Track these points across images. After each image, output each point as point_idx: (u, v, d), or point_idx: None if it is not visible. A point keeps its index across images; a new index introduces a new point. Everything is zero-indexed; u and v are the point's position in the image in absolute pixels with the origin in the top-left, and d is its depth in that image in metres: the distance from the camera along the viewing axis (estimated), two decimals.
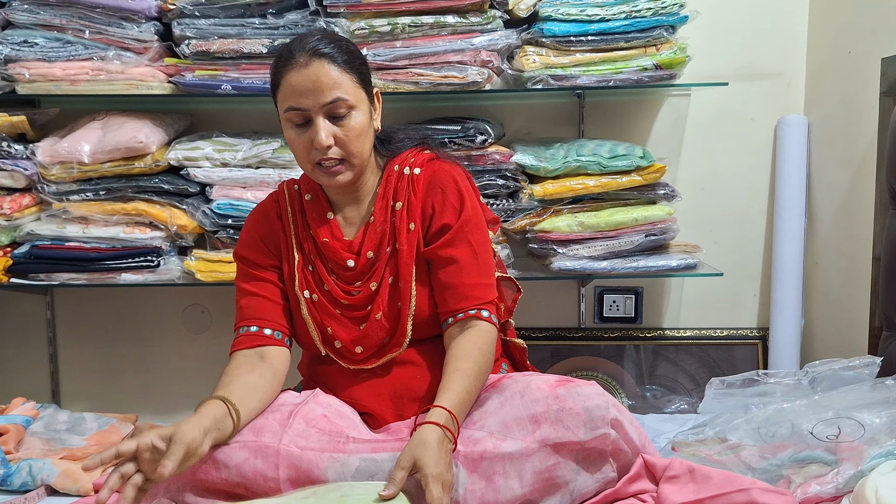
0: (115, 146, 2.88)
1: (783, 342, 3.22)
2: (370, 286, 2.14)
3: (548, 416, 1.89)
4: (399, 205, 2.16)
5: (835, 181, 3.08)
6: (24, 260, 2.96)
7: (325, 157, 2.04)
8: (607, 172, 2.93)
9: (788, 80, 3.30)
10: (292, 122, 2.05)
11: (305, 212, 2.22)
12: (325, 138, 2.01)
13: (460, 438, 1.91)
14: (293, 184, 2.27)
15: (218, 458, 1.89)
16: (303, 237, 2.20)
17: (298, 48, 2.03)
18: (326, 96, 2.01)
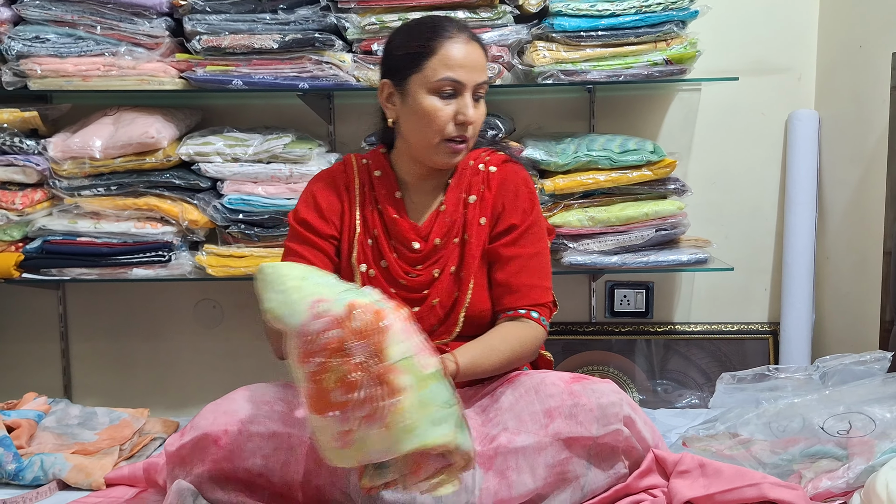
0: (127, 141, 2.89)
1: (794, 337, 3.21)
2: (433, 272, 2.19)
3: (562, 411, 1.90)
4: (473, 198, 2.22)
5: (845, 176, 3.07)
6: (35, 255, 2.97)
7: (460, 134, 2.11)
8: (618, 167, 2.93)
9: (799, 75, 3.29)
10: (441, 91, 2.09)
11: (374, 187, 2.25)
12: (473, 113, 2.10)
13: (476, 438, 1.91)
14: (361, 158, 2.31)
15: (245, 446, 1.90)
16: (368, 211, 2.24)
17: (454, 26, 2.12)
18: (481, 76, 2.11)
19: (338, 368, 1.62)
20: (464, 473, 1.80)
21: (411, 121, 2.14)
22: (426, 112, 2.09)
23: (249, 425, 1.91)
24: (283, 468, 1.89)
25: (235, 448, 1.90)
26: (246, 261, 2.95)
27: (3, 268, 2.94)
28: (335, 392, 1.62)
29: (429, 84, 2.08)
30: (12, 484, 2.28)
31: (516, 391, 2.00)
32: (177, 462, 1.96)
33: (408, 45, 2.13)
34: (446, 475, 1.74)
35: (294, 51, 2.89)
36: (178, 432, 2.01)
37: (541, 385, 1.98)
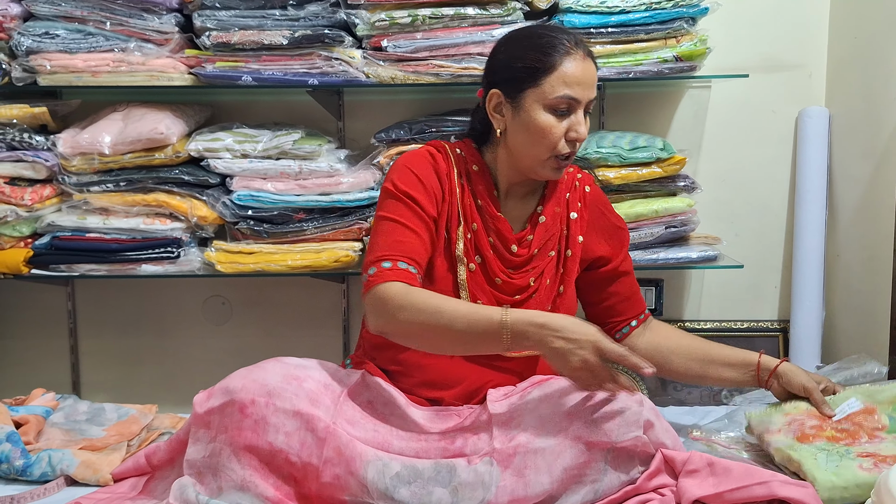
0: (136, 137, 2.89)
1: (804, 334, 3.21)
2: (529, 280, 2.23)
3: (582, 416, 1.91)
4: (574, 215, 2.30)
5: (856, 173, 3.06)
6: (44, 251, 2.96)
7: (570, 151, 2.13)
8: (627, 164, 2.92)
9: (810, 72, 3.28)
10: (558, 108, 2.08)
11: (472, 180, 2.23)
12: (585, 131, 2.12)
13: (497, 436, 1.94)
14: (455, 147, 2.28)
15: (270, 420, 1.89)
16: (466, 203, 2.21)
17: (572, 41, 2.11)
18: (593, 93, 2.13)
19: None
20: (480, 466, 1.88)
21: (522, 134, 2.13)
22: (540, 128, 2.09)
23: (276, 399, 1.90)
24: (301, 448, 1.89)
25: (261, 419, 1.89)
26: (255, 257, 2.95)
27: (11, 264, 2.94)
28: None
29: (546, 100, 2.08)
30: (20, 480, 2.27)
31: (543, 393, 2.00)
32: (202, 424, 1.96)
33: (525, 57, 2.11)
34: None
35: (304, 47, 2.88)
36: (206, 392, 2.00)
37: (566, 389, 1.98)
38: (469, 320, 1.93)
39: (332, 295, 3.35)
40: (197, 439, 1.96)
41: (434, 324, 1.94)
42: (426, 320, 1.95)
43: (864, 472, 1.85)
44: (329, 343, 3.38)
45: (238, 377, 1.97)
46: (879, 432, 2.01)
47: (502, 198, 2.25)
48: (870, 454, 1.91)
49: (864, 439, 1.99)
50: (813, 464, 1.91)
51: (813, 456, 1.94)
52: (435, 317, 1.94)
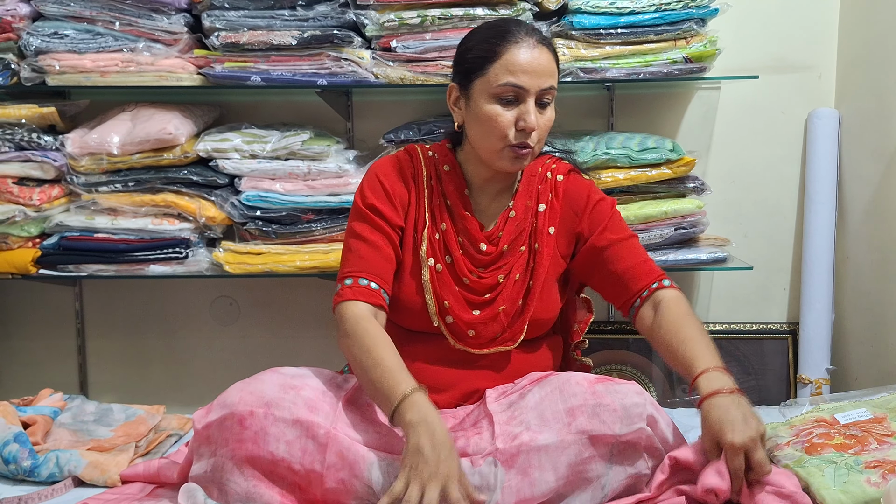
0: (145, 137, 2.89)
1: (813, 336, 3.19)
2: (497, 277, 2.20)
3: (584, 410, 1.89)
4: (542, 207, 2.25)
5: (866, 174, 3.05)
6: (53, 251, 2.97)
7: (521, 141, 2.09)
8: (637, 165, 2.91)
9: (819, 73, 3.27)
10: (503, 97, 2.07)
11: (442, 180, 2.25)
12: (534, 120, 2.06)
13: (499, 435, 1.92)
14: (427, 149, 2.30)
15: (270, 430, 1.88)
16: (435, 204, 2.23)
17: (523, 30, 2.09)
18: (545, 82, 2.08)
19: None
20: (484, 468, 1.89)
21: (475, 125, 2.13)
22: (488, 118, 2.08)
23: (274, 409, 1.89)
24: (303, 456, 1.88)
25: (260, 430, 1.88)
26: (263, 258, 2.95)
27: (20, 264, 2.94)
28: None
29: (490, 89, 2.08)
30: (28, 480, 2.27)
31: (542, 390, 2.00)
32: (203, 440, 1.95)
33: (474, 48, 2.13)
34: None
35: (313, 47, 2.88)
36: (205, 408, 1.99)
37: (565, 385, 1.97)
38: (377, 379, 1.94)
39: None
40: (200, 455, 1.95)
41: (358, 362, 2.00)
42: (355, 356, 2.00)
43: (873, 488, 1.84)
44: (336, 344, 3.37)
45: (235, 390, 1.96)
46: (889, 438, 1.99)
47: (475, 195, 2.25)
48: (878, 462, 1.90)
49: (874, 445, 1.98)
50: (821, 482, 1.89)
51: (820, 471, 1.92)
52: (360, 357, 1.99)
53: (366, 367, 1.96)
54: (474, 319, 2.18)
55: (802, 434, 2.09)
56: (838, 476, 1.88)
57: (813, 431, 2.08)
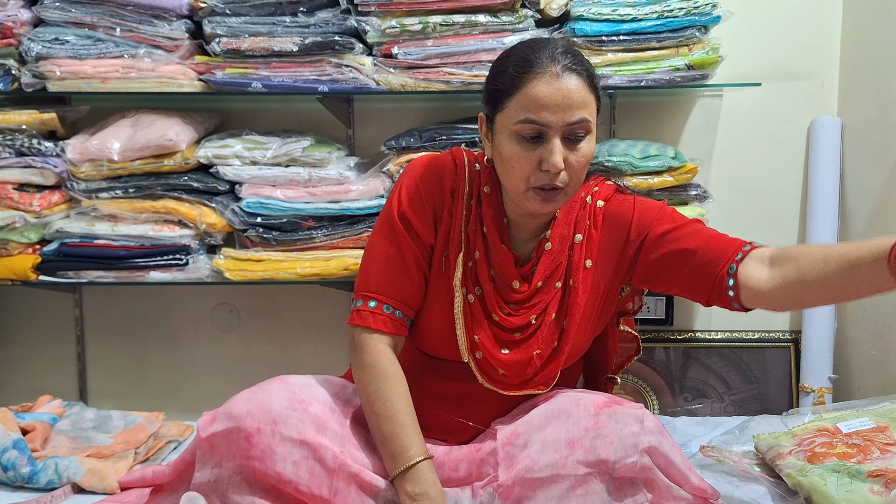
0: (145, 144, 2.88)
1: (816, 346, 3.18)
2: (530, 317, 2.02)
3: (583, 444, 1.85)
4: (579, 237, 2.03)
5: (868, 182, 3.05)
6: (53, 258, 2.96)
7: (547, 183, 1.86)
8: (639, 173, 2.91)
9: (822, 81, 3.27)
10: (522, 135, 1.85)
11: (482, 203, 2.03)
12: (559, 161, 1.83)
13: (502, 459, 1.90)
14: (474, 162, 2.06)
15: (277, 450, 1.84)
16: (471, 229, 2.03)
17: (548, 57, 1.85)
18: (573, 115, 1.83)
19: None
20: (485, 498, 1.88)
21: (499, 164, 1.94)
22: (507, 158, 1.88)
23: (282, 427, 1.85)
24: (310, 478, 1.84)
25: (267, 449, 1.84)
26: (264, 265, 2.94)
27: (20, 270, 2.94)
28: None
29: (510, 126, 1.87)
30: (26, 487, 2.27)
31: (549, 410, 1.93)
32: (207, 449, 1.90)
33: (496, 78, 1.92)
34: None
35: (314, 54, 2.88)
36: (210, 415, 1.94)
37: (574, 410, 1.89)
38: (387, 433, 1.91)
39: (340, 303, 3.33)
40: (203, 464, 1.91)
41: (370, 406, 1.94)
42: (369, 397, 1.94)
43: (876, 497, 1.83)
44: (337, 351, 3.36)
45: (242, 401, 1.90)
46: (891, 447, 1.99)
47: (512, 227, 2.04)
48: (881, 472, 1.89)
49: (876, 454, 1.97)
50: (823, 490, 1.89)
51: (823, 481, 1.92)
52: (374, 402, 1.93)
53: (378, 416, 1.91)
54: (506, 359, 2.00)
55: (805, 443, 2.08)
56: (841, 485, 1.88)
57: (815, 440, 2.07)
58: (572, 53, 1.88)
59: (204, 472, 1.91)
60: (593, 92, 1.88)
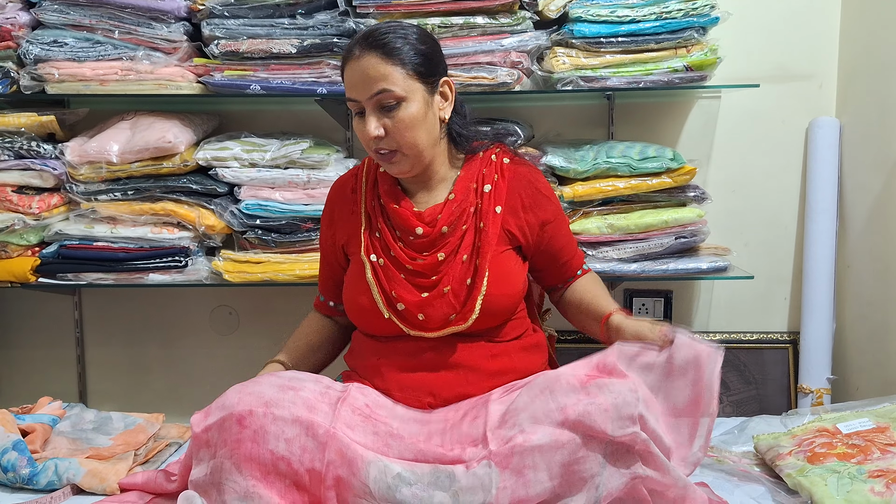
0: (144, 146, 2.88)
1: (814, 346, 3.19)
2: (437, 256, 2.20)
3: (577, 410, 1.88)
4: (488, 187, 2.25)
5: (867, 183, 3.05)
6: (52, 260, 2.96)
7: (379, 147, 2.14)
8: (637, 174, 2.91)
9: (820, 82, 3.27)
10: (354, 112, 2.16)
11: (378, 182, 2.31)
12: (372, 129, 2.10)
13: (492, 440, 1.92)
14: (373, 158, 2.36)
15: (270, 429, 1.90)
16: (370, 206, 2.30)
17: (354, 43, 2.13)
18: (373, 86, 2.08)
19: None
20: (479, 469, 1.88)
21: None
22: (356, 130, 2.18)
23: (274, 408, 1.92)
24: (302, 454, 1.89)
25: (259, 429, 1.90)
26: (263, 267, 2.94)
27: (19, 272, 2.94)
28: None
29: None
30: (26, 489, 2.27)
31: (531, 391, 1.98)
32: (202, 444, 1.97)
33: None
34: None
35: (312, 56, 2.88)
36: (203, 412, 2.01)
37: (556, 384, 1.95)
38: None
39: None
40: (199, 459, 1.96)
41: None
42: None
43: (877, 497, 1.83)
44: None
45: (234, 392, 1.99)
46: (892, 448, 1.99)
47: (410, 190, 2.29)
48: (882, 472, 1.89)
49: (876, 455, 1.97)
50: (824, 491, 1.89)
51: (823, 481, 1.92)
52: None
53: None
54: (422, 301, 2.18)
55: (804, 444, 2.08)
56: (841, 485, 1.88)
57: (815, 441, 2.08)
58: (376, 34, 2.12)
59: (200, 468, 1.95)
60: (397, 63, 2.10)
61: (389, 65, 2.09)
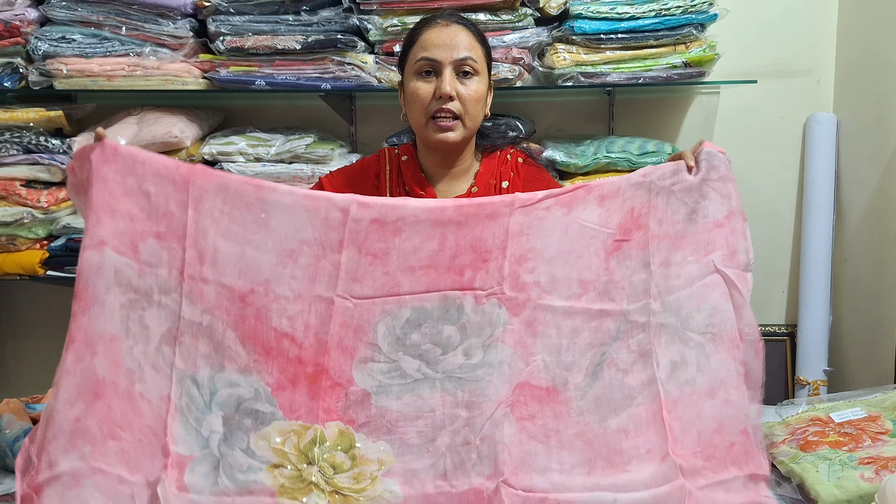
0: (151, 140, 2.92)
1: (811, 339, 3.22)
2: None
3: (596, 286, 1.90)
4: (506, 184, 2.37)
5: (864, 178, 3.08)
6: (60, 253, 3.00)
7: (443, 109, 2.21)
8: (636, 169, 2.93)
9: (818, 78, 3.30)
10: (421, 72, 2.24)
11: (402, 171, 2.39)
12: (447, 87, 2.19)
13: (508, 276, 1.90)
14: (393, 149, 2.46)
15: (272, 307, 1.85)
16: (396, 192, 2.37)
17: (440, 15, 2.30)
18: (460, 52, 2.22)
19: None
20: (487, 307, 1.87)
21: (408, 108, 2.31)
22: (411, 93, 2.25)
23: (275, 286, 1.86)
24: (306, 330, 1.86)
25: (262, 307, 1.85)
26: None
27: (28, 265, 2.98)
28: None
29: (412, 69, 2.25)
30: None
31: (561, 245, 1.94)
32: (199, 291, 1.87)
33: (404, 44, 2.33)
34: None
35: (317, 52, 2.92)
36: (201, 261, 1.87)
37: (584, 251, 1.92)
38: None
39: None
40: (193, 301, 1.85)
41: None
42: None
43: (866, 483, 1.87)
44: None
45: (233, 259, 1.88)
46: (883, 436, 2.02)
47: (434, 181, 2.37)
48: (872, 459, 1.93)
49: (867, 443, 2.01)
50: (815, 477, 1.93)
51: (815, 467, 1.95)
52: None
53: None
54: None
55: (798, 432, 2.12)
56: (832, 472, 1.92)
57: (808, 430, 2.11)
58: (460, 14, 2.35)
59: (195, 309, 1.85)
60: (481, 44, 2.28)
61: (475, 41, 2.26)
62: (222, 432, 1.80)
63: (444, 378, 1.86)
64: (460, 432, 1.82)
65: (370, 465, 1.80)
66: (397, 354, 1.87)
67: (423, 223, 1.91)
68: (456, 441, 1.81)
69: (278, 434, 1.81)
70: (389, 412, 1.84)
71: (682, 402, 1.82)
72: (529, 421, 1.82)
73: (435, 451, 1.80)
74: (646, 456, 1.77)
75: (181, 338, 1.83)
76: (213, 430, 1.79)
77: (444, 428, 1.82)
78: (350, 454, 1.81)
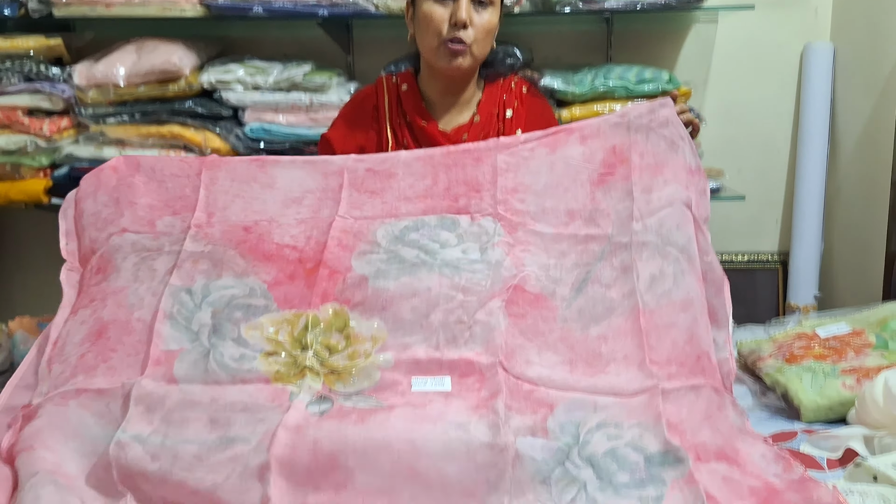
0: (150, 69, 2.94)
1: (802, 267, 3.26)
2: None
3: (582, 214, 1.98)
4: (509, 112, 2.40)
5: (858, 107, 3.10)
6: (63, 181, 3.03)
7: (456, 37, 2.21)
8: (634, 96, 2.96)
9: (815, 7, 3.30)
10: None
11: (402, 101, 2.40)
12: (464, 13, 2.18)
13: (501, 201, 2.00)
14: (391, 77, 2.47)
15: (274, 231, 1.97)
16: (396, 124, 2.39)
17: None
18: None
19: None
20: (483, 222, 1.97)
21: (419, 31, 2.29)
22: (425, 16, 2.23)
23: (279, 217, 2.02)
24: (307, 241, 1.98)
25: (265, 232, 1.99)
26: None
27: (32, 193, 3.02)
28: None
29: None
30: None
31: (549, 180, 2.04)
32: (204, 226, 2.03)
33: None
34: None
35: None
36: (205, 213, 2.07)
37: (572, 183, 2.03)
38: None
39: None
40: (196, 238, 1.99)
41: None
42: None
43: (847, 391, 1.93)
44: None
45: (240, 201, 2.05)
46: (866, 348, 2.07)
47: (436, 110, 2.39)
48: (854, 369, 1.98)
49: (851, 355, 2.06)
50: (798, 386, 1.98)
51: (799, 378, 2.01)
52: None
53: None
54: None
55: (784, 347, 2.17)
56: (815, 381, 1.97)
57: (794, 344, 2.16)
58: None
59: (198, 245, 1.98)
60: None
61: None
62: (211, 324, 1.84)
63: (441, 265, 1.89)
64: (454, 312, 1.83)
65: (364, 343, 1.81)
66: (396, 247, 1.93)
67: (415, 166, 2.07)
68: (450, 319, 1.82)
69: (271, 324, 1.84)
70: (385, 292, 1.86)
71: (658, 312, 1.84)
72: (521, 319, 1.85)
73: (428, 326, 1.81)
74: (622, 361, 1.80)
75: (182, 265, 1.92)
76: (203, 324, 1.84)
77: (438, 306, 1.83)
78: (344, 333, 1.83)
